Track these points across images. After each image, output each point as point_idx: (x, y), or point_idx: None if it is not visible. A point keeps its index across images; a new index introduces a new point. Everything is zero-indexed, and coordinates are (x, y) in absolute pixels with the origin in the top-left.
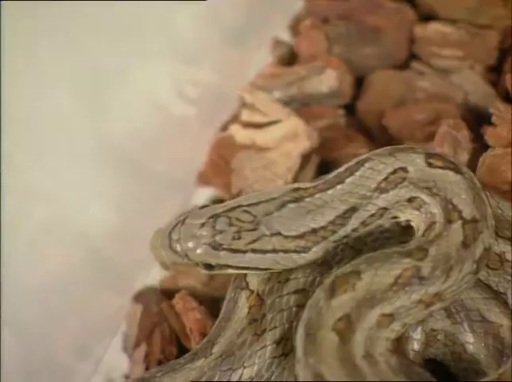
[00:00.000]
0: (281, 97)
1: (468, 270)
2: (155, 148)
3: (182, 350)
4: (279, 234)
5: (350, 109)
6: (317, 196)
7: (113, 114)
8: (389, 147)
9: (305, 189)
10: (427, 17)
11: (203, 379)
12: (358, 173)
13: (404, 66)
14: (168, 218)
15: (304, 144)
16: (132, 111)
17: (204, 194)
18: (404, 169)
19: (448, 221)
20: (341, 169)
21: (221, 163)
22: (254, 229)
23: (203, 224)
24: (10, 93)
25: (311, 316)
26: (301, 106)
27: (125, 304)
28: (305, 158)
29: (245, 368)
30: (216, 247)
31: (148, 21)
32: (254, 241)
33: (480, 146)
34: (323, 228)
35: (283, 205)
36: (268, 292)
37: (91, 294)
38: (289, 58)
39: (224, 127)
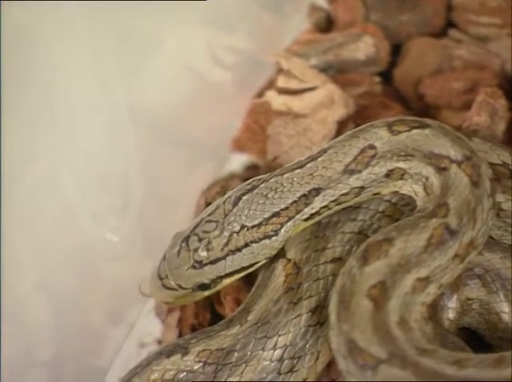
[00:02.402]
0: (317, 64)
1: (488, 207)
2: (190, 114)
3: (216, 317)
4: (244, 228)
5: (386, 77)
6: (272, 180)
7: (149, 80)
8: (349, 132)
9: (259, 178)
10: None
11: (238, 346)
12: (320, 159)
13: (441, 34)
14: (203, 184)
15: (340, 111)
16: (167, 78)
17: (239, 160)
18: (371, 147)
19: (443, 169)
20: (303, 157)
21: (256, 129)
22: (221, 232)
23: (178, 252)
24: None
25: (344, 283)
26: (337, 73)
27: None
28: (341, 125)
29: (279, 336)
30: (198, 265)
31: None
32: (227, 244)
33: None
34: (285, 209)
35: (238, 200)
36: (305, 261)
37: (123, 259)
38: (326, 24)
39: (260, 94)
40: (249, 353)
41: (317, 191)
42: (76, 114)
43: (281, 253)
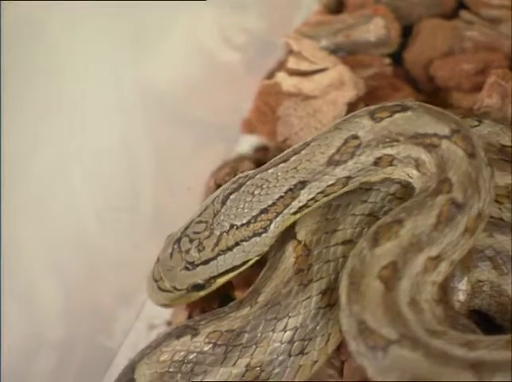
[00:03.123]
0: (327, 45)
1: (489, 176)
2: (200, 95)
3: (226, 298)
4: (233, 227)
5: (396, 58)
6: (257, 177)
7: (159, 61)
8: (332, 124)
9: (245, 175)
10: None
11: (248, 327)
12: (303, 152)
13: (452, 15)
14: (213, 166)
15: (350, 92)
16: (178, 58)
17: (249, 142)
18: (354, 137)
19: (433, 146)
20: (287, 151)
21: (267, 111)
22: (211, 233)
23: (171, 254)
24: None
25: (354, 265)
26: (348, 54)
27: None
28: (351, 107)
29: (290, 317)
30: (190, 266)
31: None
32: (217, 244)
33: None
34: (273, 204)
35: (226, 199)
36: (315, 243)
37: (133, 241)
38: (336, 6)
39: (270, 75)
40: (259, 335)
41: (303, 184)
42: (86, 95)
43: (291, 235)
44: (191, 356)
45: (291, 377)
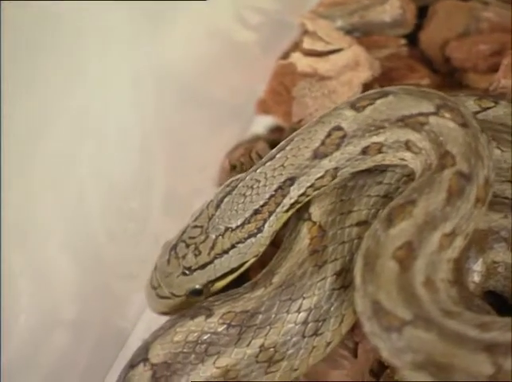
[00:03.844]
0: (342, 25)
1: (486, 142)
2: (215, 75)
3: (240, 280)
4: (228, 229)
5: (412, 39)
6: (247, 178)
7: (173, 40)
8: (315, 118)
9: (237, 178)
10: None
11: (262, 308)
12: (288, 148)
13: None
14: (228, 147)
15: (365, 73)
16: (193, 38)
17: (263, 122)
18: (337, 128)
19: (421, 125)
20: (273, 149)
21: (282, 91)
22: (206, 237)
23: (168, 260)
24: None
25: (369, 246)
26: (363, 35)
27: None
28: (366, 88)
29: (304, 298)
30: (187, 272)
31: None
32: (213, 248)
33: None
34: (265, 204)
35: (220, 202)
36: (330, 224)
37: (148, 223)
38: None
39: (285, 55)
40: (273, 316)
41: (291, 180)
42: (101, 75)
43: (306, 216)
44: (205, 337)
45: (304, 358)
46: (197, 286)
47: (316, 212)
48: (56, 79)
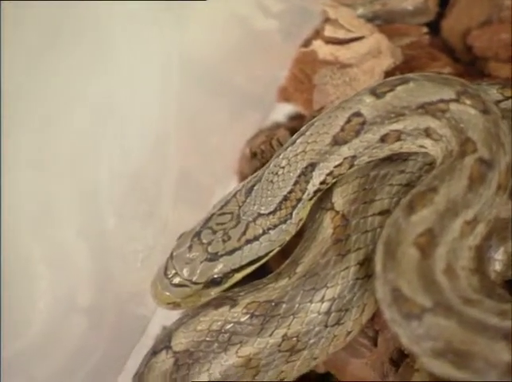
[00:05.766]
0: (364, 13)
1: (506, 128)
2: (236, 63)
3: (263, 270)
4: (260, 215)
5: (434, 27)
6: (272, 164)
7: (194, 27)
8: (336, 104)
9: (263, 168)
10: None
11: (286, 298)
12: (308, 133)
13: None
14: (248, 134)
15: (387, 61)
16: (214, 26)
17: (284, 110)
18: (357, 115)
19: (442, 112)
20: (294, 135)
21: (303, 79)
22: (238, 223)
23: (190, 247)
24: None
25: (390, 233)
26: (385, 23)
27: None
28: (388, 76)
29: (328, 288)
30: (213, 258)
31: None
32: (244, 233)
33: None
34: (292, 191)
35: (251, 190)
36: (353, 213)
37: (167, 210)
38: None
39: (306, 43)
40: (297, 305)
41: (312, 166)
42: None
43: (328, 205)
44: (228, 326)
45: (325, 347)
46: (219, 275)
47: (338, 201)
48: (81, 66)
